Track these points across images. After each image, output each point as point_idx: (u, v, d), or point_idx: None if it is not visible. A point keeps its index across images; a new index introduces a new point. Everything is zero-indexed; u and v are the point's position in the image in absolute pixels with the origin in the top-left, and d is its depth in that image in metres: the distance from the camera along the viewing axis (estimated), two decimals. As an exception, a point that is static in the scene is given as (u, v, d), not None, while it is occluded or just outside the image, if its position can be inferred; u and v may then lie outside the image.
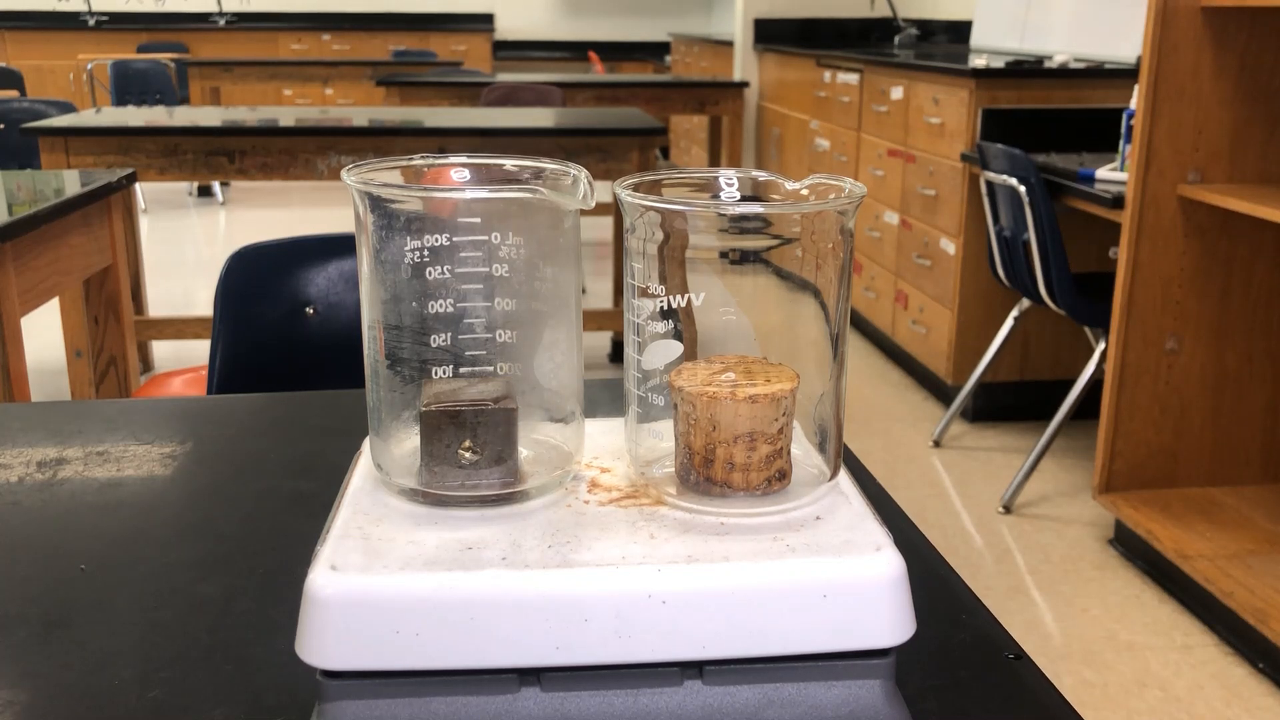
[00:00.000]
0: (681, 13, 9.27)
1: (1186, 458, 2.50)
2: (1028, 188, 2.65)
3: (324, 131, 3.33)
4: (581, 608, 0.48)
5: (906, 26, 5.28)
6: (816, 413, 0.56)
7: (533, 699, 0.50)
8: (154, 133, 3.22)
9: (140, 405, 1.05)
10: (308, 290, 1.50)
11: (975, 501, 2.79)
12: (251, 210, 6.58)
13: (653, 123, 3.52)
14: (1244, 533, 2.33)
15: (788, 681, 0.50)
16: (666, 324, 0.54)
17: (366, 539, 0.51)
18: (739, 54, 5.76)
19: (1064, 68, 3.35)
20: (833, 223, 0.53)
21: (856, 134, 4.14)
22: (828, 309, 0.55)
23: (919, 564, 0.69)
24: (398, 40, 8.85)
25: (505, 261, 0.55)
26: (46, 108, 4.05)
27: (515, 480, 0.55)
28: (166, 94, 6.82)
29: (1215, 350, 2.44)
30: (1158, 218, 2.33)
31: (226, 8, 9.01)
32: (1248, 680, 2.05)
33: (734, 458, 0.52)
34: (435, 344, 0.55)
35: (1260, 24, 2.25)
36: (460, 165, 0.59)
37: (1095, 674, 2.07)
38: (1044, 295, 2.73)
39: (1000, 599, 2.32)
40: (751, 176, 0.58)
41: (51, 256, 2.08)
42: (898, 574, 0.50)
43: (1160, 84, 2.26)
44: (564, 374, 0.58)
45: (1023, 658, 0.60)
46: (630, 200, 0.53)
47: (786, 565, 0.49)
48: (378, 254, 0.55)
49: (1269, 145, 2.32)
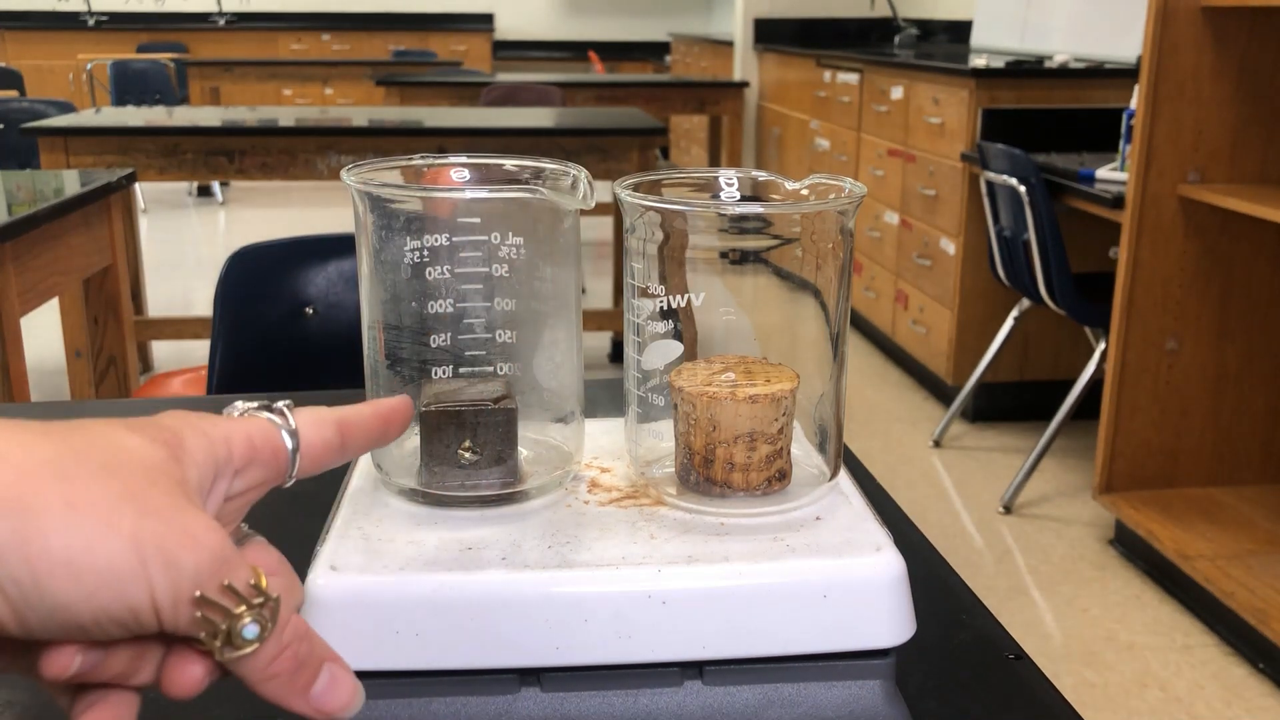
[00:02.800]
0: (681, 13, 9.27)
1: (1187, 458, 2.50)
2: (1028, 188, 2.65)
3: (324, 131, 3.33)
4: (581, 608, 0.48)
5: (906, 26, 5.28)
6: (816, 413, 0.56)
7: (533, 699, 0.50)
8: (153, 133, 3.22)
9: (140, 405, 1.05)
10: (307, 290, 1.50)
11: (975, 502, 2.79)
12: (251, 210, 6.58)
13: (653, 123, 3.52)
14: (1244, 533, 2.33)
15: (788, 682, 0.50)
16: (666, 324, 0.54)
17: (366, 539, 0.51)
18: (739, 54, 5.76)
19: (1064, 68, 3.35)
20: (833, 223, 0.53)
21: (856, 134, 4.14)
22: (828, 309, 0.55)
23: (919, 564, 0.69)
24: (398, 40, 8.85)
25: (505, 261, 0.55)
26: (46, 108, 4.05)
27: (515, 480, 0.55)
28: (166, 94, 6.82)
29: (1215, 350, 2.44)
30: (1158, 218, 2.33)
31: (226, 8, 9.01)
32: (1248, 680, 2.05)
33: (734, 458, 0.52)
34: (435, 344, 0.55)
35: (1260, 24, 2.25)
36: (460, 165, 0.59)
37: (1095, 674, 2.07)
38: (1044, 295, 2.73)
39: (1000, 599, 2.32)
40: (751, 176, 0.58)
41: (51, 256, 2.08)
42: (898, 574, 0.50)
43: (1160, 84, 2.26)
44: (564, 374, 0.58)
45: (1023, 658, 0.60)
46: (630, 200, 0.53)
47: (786, 565, 0.49)
48: (377, 254, 0.55)
49: (1269, 145, 2.32)
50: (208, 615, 0.34)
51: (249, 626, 0.35)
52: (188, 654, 0.35)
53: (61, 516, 0.31)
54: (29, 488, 0.31)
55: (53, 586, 0.31)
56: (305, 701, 0.37)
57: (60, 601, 0.31)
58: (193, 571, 0.33)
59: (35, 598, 0.31)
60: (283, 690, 0.37)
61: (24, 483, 0.31)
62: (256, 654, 0.35)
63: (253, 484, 0.39)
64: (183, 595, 0.33)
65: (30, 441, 0.33)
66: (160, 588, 0.32)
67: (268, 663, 0.36)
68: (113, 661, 0.35)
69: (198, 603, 0.33)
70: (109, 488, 0.33)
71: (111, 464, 0.33)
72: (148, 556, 0.32)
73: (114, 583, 0.32)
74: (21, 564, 0.30)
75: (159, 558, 0.32)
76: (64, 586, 0.31)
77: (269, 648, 0.36)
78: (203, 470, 0.37)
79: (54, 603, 0.31)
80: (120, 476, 0.33)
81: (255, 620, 0.35)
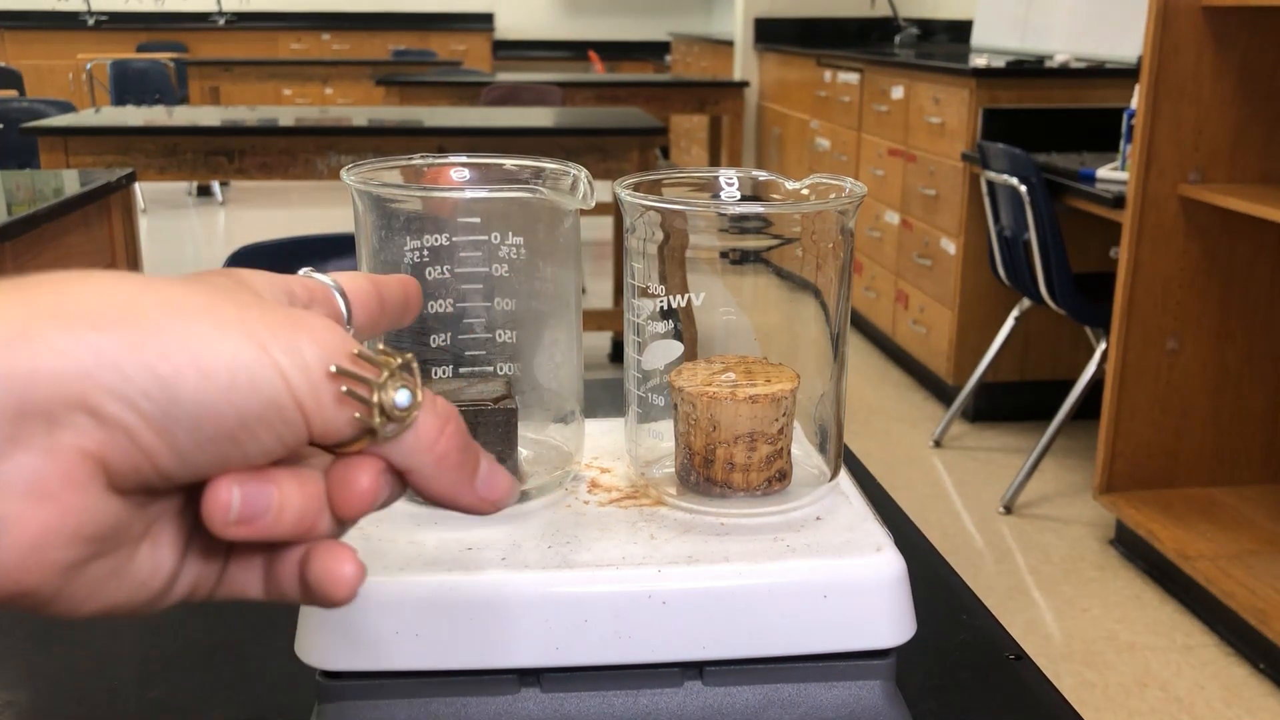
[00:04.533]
0: (681, 13, 9.27)
1: (1187, 458, 2.50)
2: (1028, 187, 2.65)
3: (324, 131, 3.33)
4: (581, 608, 0.48)
5: (907, 26, 5.28)
6: (817, 413, 0.56)
7: (533, 699, 0.50)
8: (153, 132, 3.22)
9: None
10: (308, 290, 1.50)
11: (976, 501, 2.79)
12: (251, 210, 6.58)
13: (653, 122, 3.52)
14: (1245, 533, 2.33)
15: (788, 682, 0.50)
16: (666, 324, 0.54)
17: (366, 539, 0.51)
18: (739, 54, 5.76)
19: (1064, 67, 3.35)
20: (833, 222, 0.53)
21: (857, 134, 4.14)
22: (828, 309, 0.55)
23: (919, 564, 0.69)
24: (398, 40, 8.85)
25: (505, 261, 0.55)
26: (46, 107, 4.05)
27: (515, 480, 0.55)
28: (166, 94, 6.82)
29: (1216, 350, 2.44)
30: (1158, 217, 2.33)
31: (226, 7, 9.01)
32: (1248, 680, 2.05)
33: (734, 458, 0.52)
34: (435, 344, 0.55)
35: (1261, 24, 2.25)
36: (460, 165, 0.59)
37: (1096, 674, 2.07)
38: (1044, 295, 2.73)
39: (1000, 599, 2.32)
40: (752, 176, 0.58)
41: (51, 256, 2.08)
42: (898, 574, 0.50)
43: (1161, 83, 2.25)
44: (564, 374, 0.58)
45: (1023, 658, 0.60)
46: (630, 200, 0.53)
47: (786, 565, 0.49)
48: (377, 254, 0.55)
49: (1270, 145, 2.32)
50: (351, 388, 0.31)
51: (400, 392, 0.32)
52: (350, 464, 0.32)
53: (164, 317, 0.29)
54: (127, 303, 0.29)
55: (184, 388, 0.28)
56: (473, 490, 0.34)
57: (198, 406, 0.29)
58: (315, 349, 0.30)
59: (173, 407, 0.28)
60: (454, 478, 0.34)
61: (120, 300, 0.29)
62: (418, 427, 0.32)
63: None
64: (315, 374, 0.30)
65: (101, 275, 0.30)
66: (290, 371, 0.30)
67: (434, 438, 0.33)
68: (283, 501, 0.31)
69: (336, 376, 0.31)
70: (200, 292, 0.31)
71: (194, 282, 0.32)
72: (265, 342, 0.30)
73: (244, 375, 0.29)
74: (144, 371, 0.28)
75: (277, 343, 0.30)
76: (196, 386, 0.29)
77: (428, 419, 0.33)
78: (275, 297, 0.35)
79: (192, 409, 0.29)
80: (206, 286, 0.31)
81: (403, 385, 0.32)
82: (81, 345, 0.28)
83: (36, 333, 0.28)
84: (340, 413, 0.31)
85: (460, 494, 0.34)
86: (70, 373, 0.28)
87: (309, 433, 0.31)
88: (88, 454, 0.28)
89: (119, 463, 0.29)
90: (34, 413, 0.27)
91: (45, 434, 0.28)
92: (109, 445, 0.28)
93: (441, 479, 0.33)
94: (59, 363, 0.27)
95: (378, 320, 0.40)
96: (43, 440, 0.28)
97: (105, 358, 0.28)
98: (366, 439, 0.32)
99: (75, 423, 0.28)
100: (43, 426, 0.28)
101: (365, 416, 0.31)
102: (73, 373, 0.28)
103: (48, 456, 0.28)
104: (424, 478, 0.33)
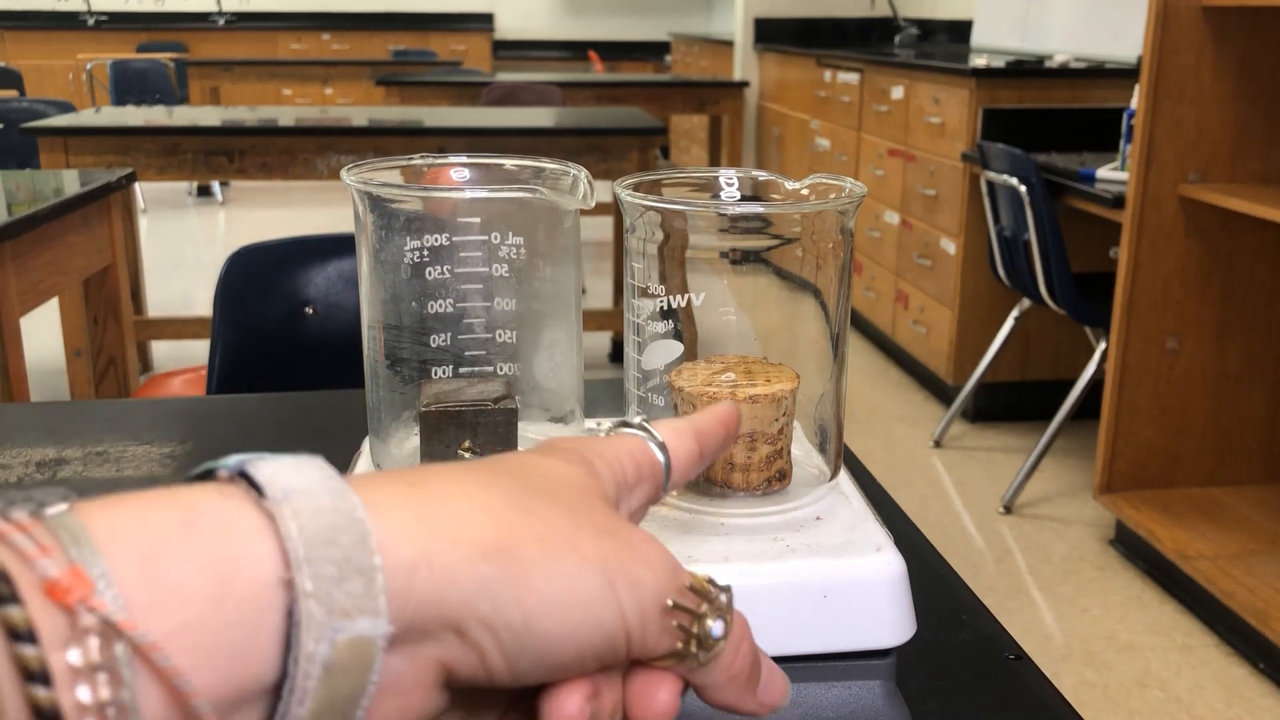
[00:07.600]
0: (681, 13, 9.27)
1: (1187, 458, 2.50)
2: (1028, 187, 2.65)
3: (323, 131, 3.33)
4: (581, 608, 0.48)
5: (907, 26, 5.28)
6: (817, 413, 0.56)
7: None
8: (153, 132, 3.22)
9: (140, 405, 1.05)
10: (307, 290, 1.50)
11: (976, 502, 2.79)
12: (251, 210, 6.58)
13: (653, 122, 3.52)
14: (1245, 533, 2.33)
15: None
16: (666, 324, 0.54)
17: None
18: (739, 54, 5.76)
19: (1064, 67, 3.35)
20: (833, 222, 0.53)
21: (857, 134, 4.14)
22: (828, 309, 0.54)
23: (919, 564, 0.69)
24: (397, 40, 8.85)
25: (505, 261, 0.55)
26: (46, 107, 4.05)
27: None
28: (166, 94, 6.82)
29: (1216, 350, 2.44)
30: (1158, 217, 2.33)
31: (226, 7, 9.01)
32: (1248, 680, 2.05)
33: (734, 458, 0.52)
34: (435, 344, 0.55)
35: (1261, 24, 2.25)
36: (460, 165, 0.59)
37: (1096, 674, 2.07)
38: (1044, 295, 2.73)
39: (1001, 599, 2.32)
40: (752, 176, 0.58)
41: (51, 256, 2.08)
42: (898, 574, 0.50)
43: (1161, 84, 2.25)
44: (564, 374, 0.58)
45: (1023, 658, 0.60)
46: (630, 200, 0.53)
47: (786, 565, 0.49)
48: (377, 254, 0.55)
49: (1270, 145, 2.32)
50: (681, 622, 0.32)
51: (714, 624, 0.33)
52: (652, 679, 0.34)
53: (539, 552, 0.31)
54: (508, 533, 0.31)
55: (544, 626, 0.30)
56: (754, 698, 0.35)
57: (549, 642, 0.30)
58: (653, 584, 0.32)
59: (527, 640, 0.30)
60: (739, 691, 0.35)
61: (503, 526, 0.31)
62: (723, 653, 0.34)
63: (642, 501, 0.38)
64: (649, 610, 0.32)
65: (480, 482, 0.32)
66: (629, 607, 0.31)
67: (731, 661, 0.34)
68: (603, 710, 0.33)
69: (669, 611, 0.32)
70: (564, 516, 0.32)
71: (554, 490, 0.33)
72: (614, 578, 0.31)
73: (593, 612, 0.31)
74: (514, 605, 0.30)
75: (624, 578, 0.32)
76: (553, 625, 0.30)
77: (732, 644, 0.34)
78: (613, 489, 0.36)
79: (544, 644, 0.30)
80: (566, 502, 0.33)
81: (718, 616, 0.33)
82: (470, 575, 0.30)
83: (438, 560, 0.29)
84: (662, 642, 0.33)
85: (743, 702, 0.35)
86: (455, 600, 0.30)
87: (627, 657, 0.33)
88: (441, 663, 0.30)
89: (463, 672, 0.31)
90: (416, 629, 0.29)
91: (415, 645, 0.30)
92: (461, 659, 0.30)
93: (728, 691, 0.35)
94: (450, 590, 0.29)
95: (696, 467, 0.41)
96: (411, 649, 0.30)
97: (487, 588, 0.30)
98: (673, 660, 0.33)
99: (442, 639, 0.30)
100: (415, 638, 0.30)
101: (684, 647, 0.33)
102: (457, 600, 0.30)
103: (410, 663, 0.30)
104: (713, 690, 0.35)
